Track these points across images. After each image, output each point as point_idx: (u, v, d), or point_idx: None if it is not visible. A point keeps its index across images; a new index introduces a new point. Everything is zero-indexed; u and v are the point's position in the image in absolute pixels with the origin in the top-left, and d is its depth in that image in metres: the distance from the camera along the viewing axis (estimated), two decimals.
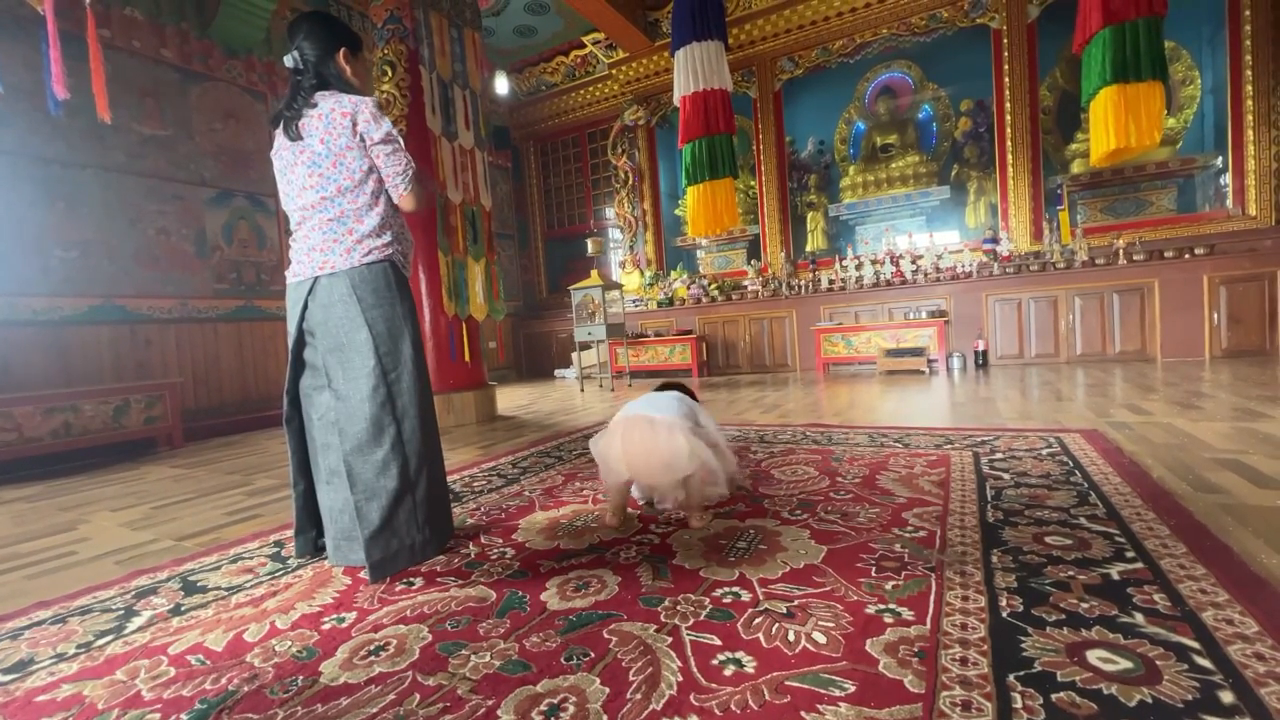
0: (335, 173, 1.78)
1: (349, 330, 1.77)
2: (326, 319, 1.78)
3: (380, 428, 1.74)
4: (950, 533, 1.70)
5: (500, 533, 1.99)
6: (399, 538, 1.74)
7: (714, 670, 1.17)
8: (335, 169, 1.78)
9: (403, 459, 1.75)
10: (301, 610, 1.54)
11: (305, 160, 1.79)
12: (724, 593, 1.46)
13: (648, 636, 1.29)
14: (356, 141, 1.79)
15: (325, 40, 1.85)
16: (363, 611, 1.52)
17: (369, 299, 1.77)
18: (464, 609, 1.49)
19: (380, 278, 1.80)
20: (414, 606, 1.52)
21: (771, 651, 1.21)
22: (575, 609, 1.43)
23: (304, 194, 1.80)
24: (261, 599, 1.63)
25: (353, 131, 1.78)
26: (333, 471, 1.79)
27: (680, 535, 1.83)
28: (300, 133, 1.79)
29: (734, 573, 1.55)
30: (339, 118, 1.78)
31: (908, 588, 1.42)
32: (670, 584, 1.52)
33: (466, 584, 1.62)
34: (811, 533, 1.77)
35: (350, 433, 1.74)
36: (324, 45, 1.84)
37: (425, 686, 1.19)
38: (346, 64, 1.88)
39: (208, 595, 1.67)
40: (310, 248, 1.80)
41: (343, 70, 1.87)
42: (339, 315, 1.77)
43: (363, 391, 1.75)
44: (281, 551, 1.98)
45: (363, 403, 1.74)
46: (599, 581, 1.57)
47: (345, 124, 1.78)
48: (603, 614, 1.40)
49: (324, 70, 1.85)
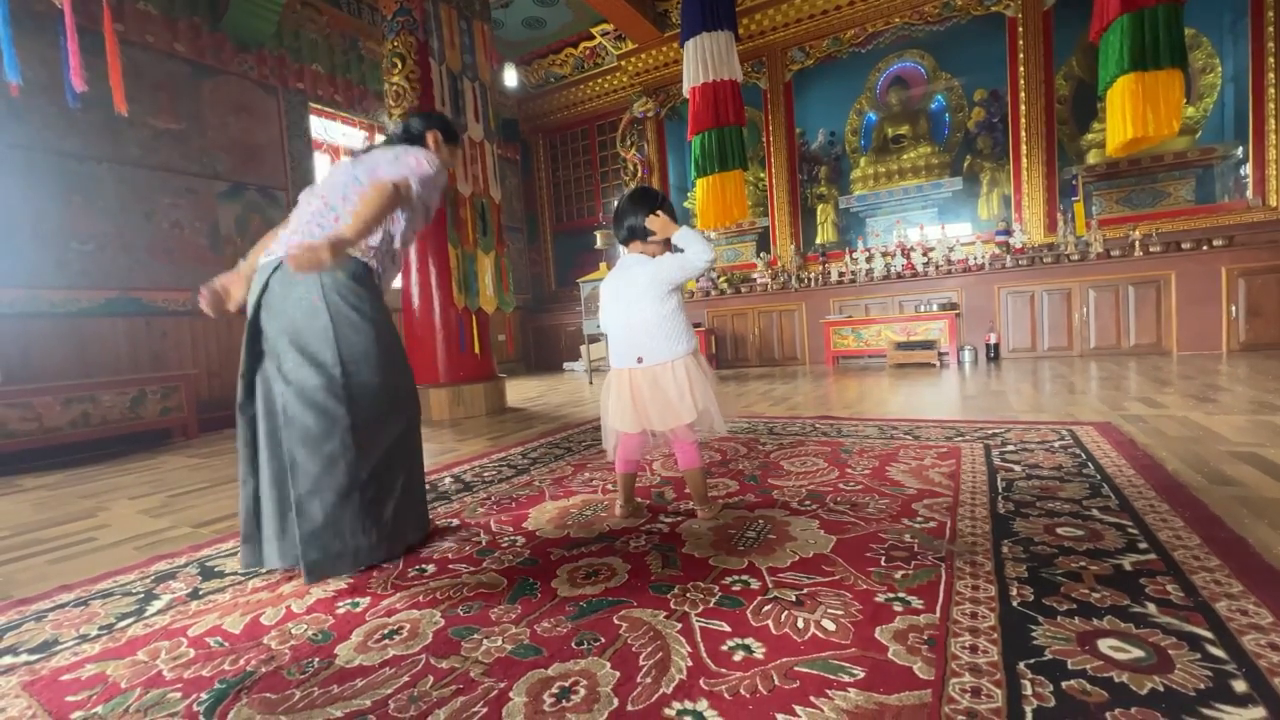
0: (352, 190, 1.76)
1: (308, 312, 1.65)
2: (286, 295, 1.67)
3: (331, 421, 1.62)
4: (960, 523, 1.70)
5: (511, 521, 2.00)
6: (341, 539, 1.62)
7: (723, 656, 1.18)
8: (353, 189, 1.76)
9: (353, 456, 1.63)
10: (316, 595, 1.57)
11: (344, 176, 1.79)
12: (733, 580, 1.47)
13: (657, 623, 1.31)
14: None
15: (423, 121, 2.01)
16: (376, 597, 1.54)
17: (334, 284, 1.67)
18: (476, 595, 1.50)
19: (353, 269, 1.70)
20: (427, 592, 1.54)
21: (781, 638, 1.22)
22: (585, 595, 1.45)
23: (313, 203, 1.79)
24: (277, 584, 1.65)
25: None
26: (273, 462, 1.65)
27: (690, 525, 1.84)
28: (359, 156, 1.84)
29: (743, 561, 1.56)
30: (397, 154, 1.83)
31: (917, 577, 1.42)
32: (680, 572, 1.53)
33: (478, 571, 1.64)
34: (821, 523, 1.77)
35: (297, 423, 1.61)
36: (421, 124, 2.00)
37: (439, 669, 1.21)
38: (436, 145, 1.99)
39: (225, 580, 1.70)
40: (292, 232, 1.74)
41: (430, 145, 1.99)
42: (299, 294, 1.66)
43: (315, 380, 1.62)
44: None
45: (315, 391, 1.62)
46: (609, 569, 1.58)
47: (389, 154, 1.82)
48: (613, 600, 1.42)
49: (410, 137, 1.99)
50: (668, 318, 1.80)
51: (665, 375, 1.79)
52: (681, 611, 1.34)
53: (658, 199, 1.88)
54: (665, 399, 1.79)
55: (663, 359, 1.80)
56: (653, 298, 1.80)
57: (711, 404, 1.79)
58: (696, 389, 1.78)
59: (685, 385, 1.78)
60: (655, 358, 1.80)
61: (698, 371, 1.80)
